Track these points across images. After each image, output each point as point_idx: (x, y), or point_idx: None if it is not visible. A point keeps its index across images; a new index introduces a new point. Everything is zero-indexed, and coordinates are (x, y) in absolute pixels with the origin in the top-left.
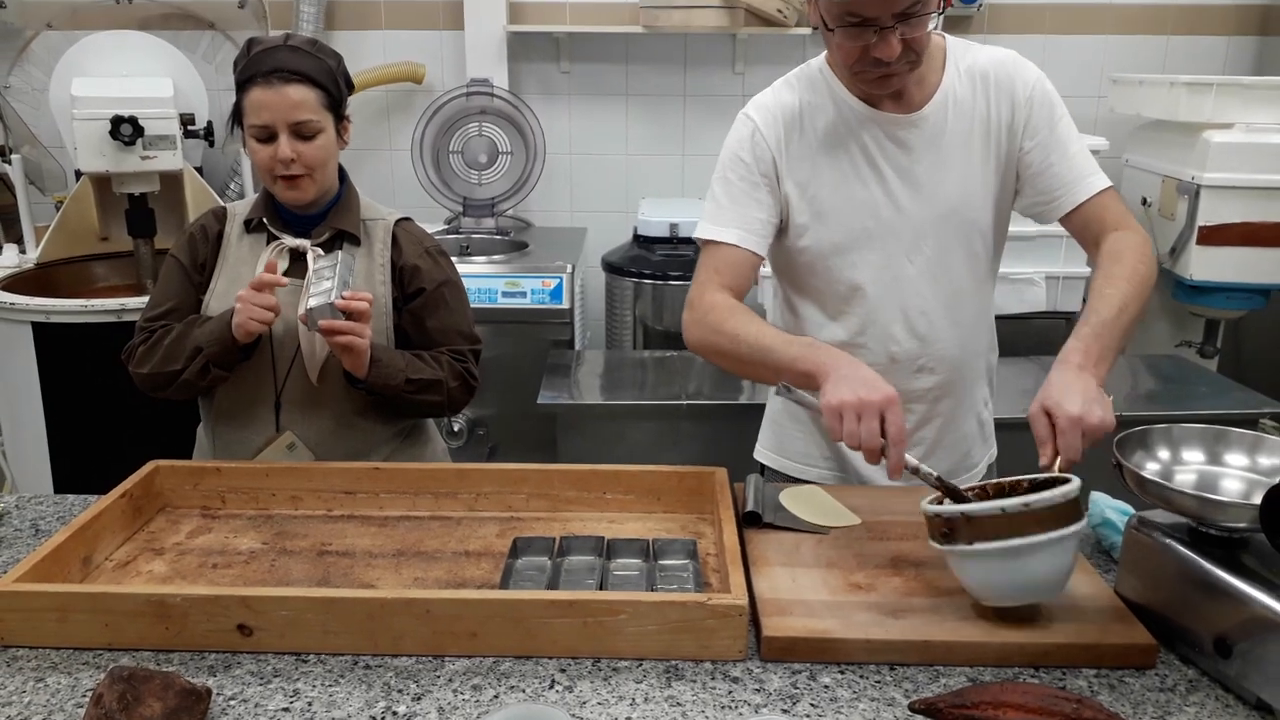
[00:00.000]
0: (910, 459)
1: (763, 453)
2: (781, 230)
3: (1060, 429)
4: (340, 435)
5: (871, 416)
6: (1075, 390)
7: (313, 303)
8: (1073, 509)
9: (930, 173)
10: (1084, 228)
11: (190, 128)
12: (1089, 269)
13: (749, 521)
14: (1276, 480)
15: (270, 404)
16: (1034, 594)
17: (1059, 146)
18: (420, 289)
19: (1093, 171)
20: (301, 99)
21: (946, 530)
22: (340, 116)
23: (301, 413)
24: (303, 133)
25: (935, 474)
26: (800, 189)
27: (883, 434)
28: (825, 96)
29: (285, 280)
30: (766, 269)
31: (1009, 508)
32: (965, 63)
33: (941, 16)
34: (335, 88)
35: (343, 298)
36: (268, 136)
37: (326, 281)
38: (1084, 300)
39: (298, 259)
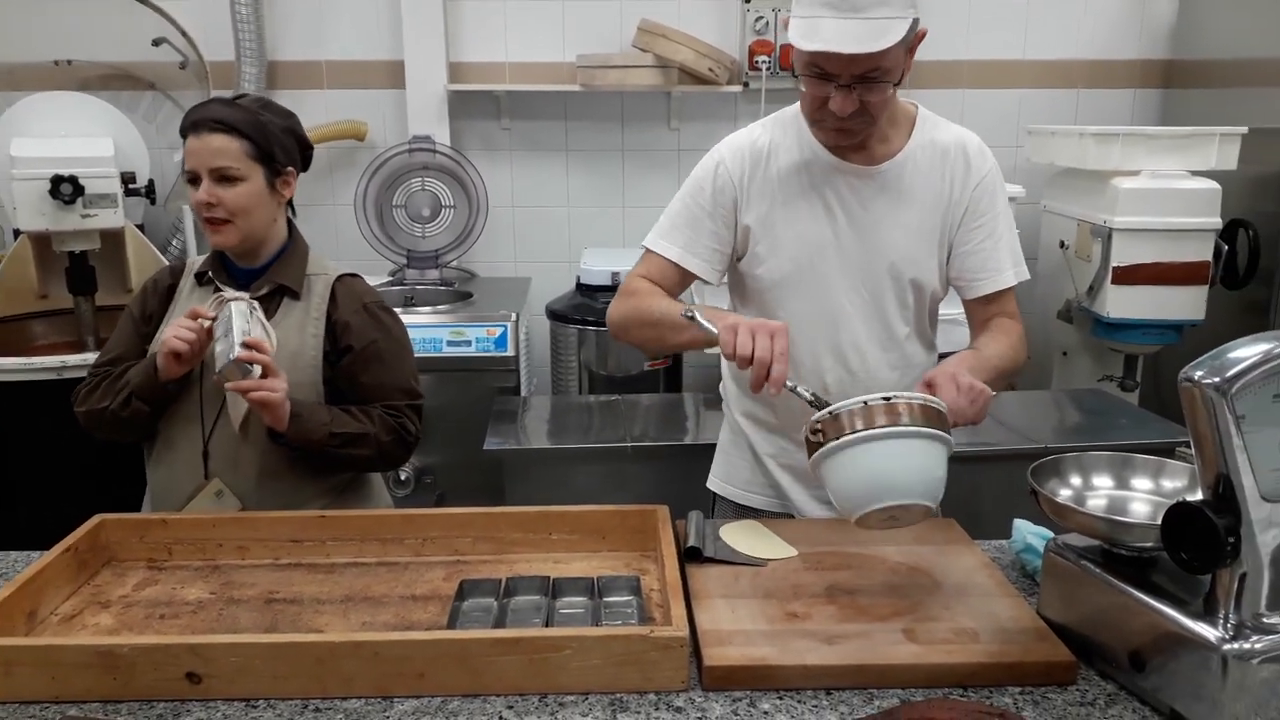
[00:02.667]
0: (789, 380)
1: (714, 481)
2: (740, 257)
3: (962, 387)
4: (268, 487)
5: (763, 335)
6: (969, 374)
7: (218, 365)
8: (936, 417)
9: (877, 224)
10: (984, 308)
11: (131, 186)
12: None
13: (690, 556)
14: (1175, 501)
15: (198, 452)
16: (891, 491)
17: (994, 234)
18: (350, 345)
19: (1015, 264)
20: (222, 147)
21: (817, 429)
22: (275, 171)
23: (229, 462)
24: (223, 177)
25: (811, 392)
26: (760, 221)
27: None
28: (794, 138)
29: (213, 315)
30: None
31: (871, 400)
32: (931, 135)
33: (895, 87)
34: (264, 141)
35: (243, 345)
36: (194, 180)
37: (224, 341)
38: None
39: None
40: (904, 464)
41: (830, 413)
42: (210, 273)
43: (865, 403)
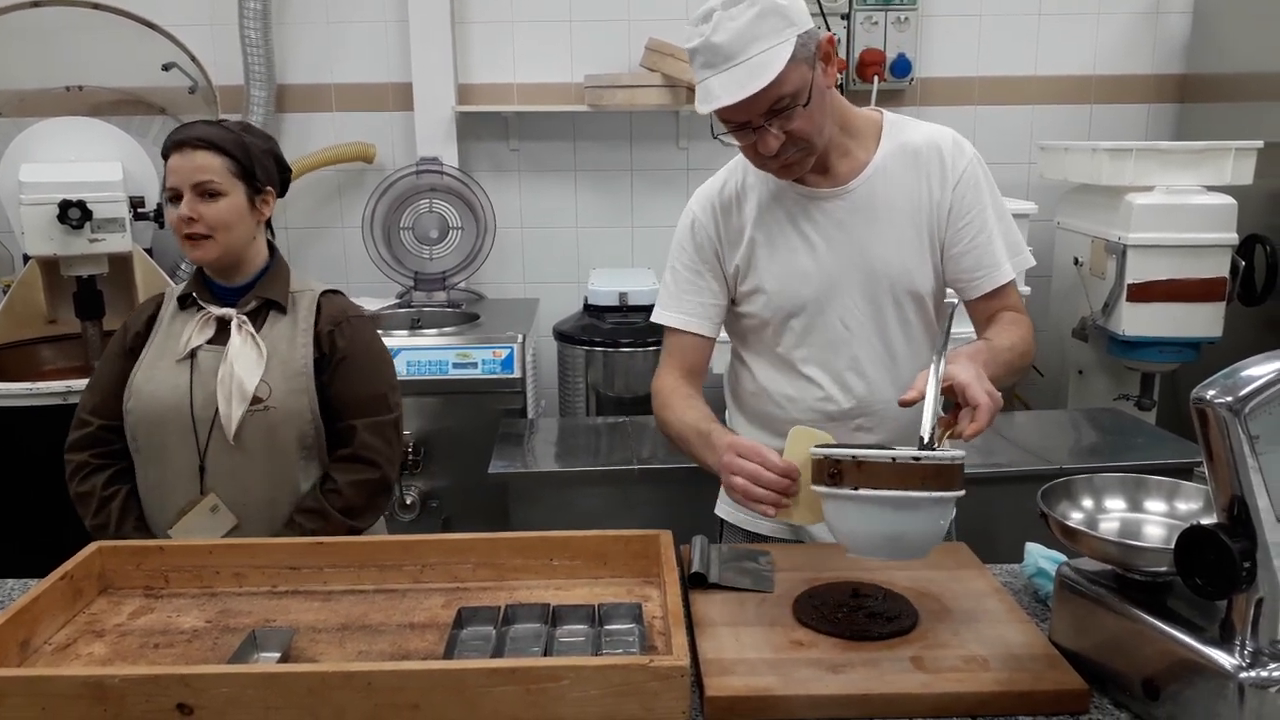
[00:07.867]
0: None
1: (721, 507)
2: (732, 301)
3: (982, 408)
4: (264, 500)
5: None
6: (985, 378)
7: None
8: (957, 475)
9: (859, 242)
10: (986, 305)
11: (140, 210)
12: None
13: (694, 583)
14: (1189, 524)
15: (195, 466)
16: (902, 550)
17: (985, 229)
18: (329, 355)
19: (1014, 253)
20: (205, 163)
21: (834, 472)
22: (256, 189)
23: (226, 476)
24: (205, 192)
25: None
26: (743, 264)
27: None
28: (758, 176)
29: None
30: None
31: (900, 459)
32: (900, 140)
33: (807, 106)
34: (246, 159)
35: None
36: (175, 198)
37: None
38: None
39: (223, 328)
40: (912, 527)
41: (854, 458)
42: (194, 294)
43: (893, 459)
